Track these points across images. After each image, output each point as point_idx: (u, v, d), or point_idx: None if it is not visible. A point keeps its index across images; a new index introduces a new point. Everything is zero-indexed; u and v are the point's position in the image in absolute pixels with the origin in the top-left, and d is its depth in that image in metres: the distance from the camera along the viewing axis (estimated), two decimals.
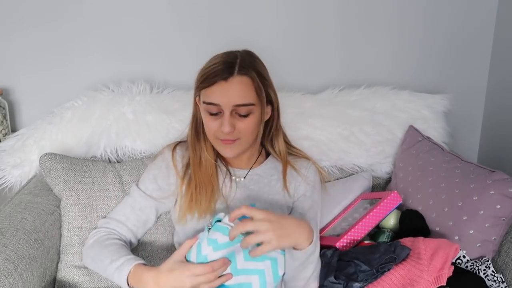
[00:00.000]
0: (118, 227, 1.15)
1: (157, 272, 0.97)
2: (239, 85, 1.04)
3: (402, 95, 1.54)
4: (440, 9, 1.63)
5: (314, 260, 1.02)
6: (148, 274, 0.98)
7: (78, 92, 1.45)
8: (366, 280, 0.98)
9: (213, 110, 1.06)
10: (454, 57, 1.69)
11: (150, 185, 1.18)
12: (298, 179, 1.19)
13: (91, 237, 1.14)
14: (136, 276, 0.99)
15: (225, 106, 1.04)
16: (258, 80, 1.06)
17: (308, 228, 0.99)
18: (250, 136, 1.10)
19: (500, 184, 1.09)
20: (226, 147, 1.10)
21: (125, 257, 1.03)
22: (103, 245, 1.09)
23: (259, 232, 0.92)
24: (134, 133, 1.37)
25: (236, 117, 1.06)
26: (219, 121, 1.06)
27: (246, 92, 1.05)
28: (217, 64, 1.05)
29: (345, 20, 1.62)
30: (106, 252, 1.06)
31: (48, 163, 1.21)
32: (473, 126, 1.76)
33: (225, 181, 1.17)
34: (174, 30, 1.58)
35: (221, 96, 1.04)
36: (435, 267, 0.96)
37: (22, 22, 1.53)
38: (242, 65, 1.05)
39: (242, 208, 0.94)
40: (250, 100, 1.05)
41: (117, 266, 1.02)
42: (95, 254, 1.09)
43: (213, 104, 1.05)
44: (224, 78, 1.04)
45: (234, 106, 1.04)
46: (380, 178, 1.48)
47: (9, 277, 0.96)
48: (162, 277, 0.96)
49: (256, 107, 1.07)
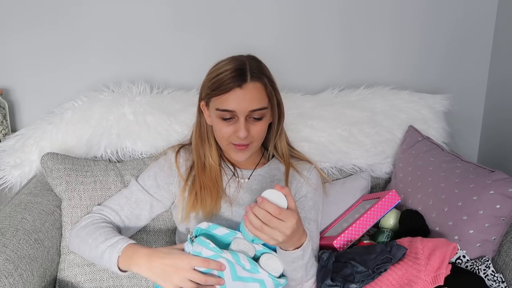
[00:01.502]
0: (111, 216, 1.15)
1: (152, 250, 0.96)
2: (254, 91, 1.07)
3: (402, 95, 1.54)
4: (440, 9, 1.63)
5: (303, 265, 1.00)
6: (143, 251, 0.97)
7: (78, 92, 1.46)
8: (363, 281, 0.98)
9: (226, 116, 1.09)
10: (454, 57, 1.69)
11: (149, 181, 1.19)
12: (300, 180, 1.20)
13: (84, 220, 1.13)
14: (128, 252, 0.98)
15: (240, 112, 1.07)
16: (269, 84, 1.10)
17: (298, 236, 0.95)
18: (261, 139, 1.15)
19: (500, 184, 1.09)
20: (238, 152, 1.12)
21: (120, 236, 1.03)
22: (98, 226, 1.08)
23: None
24: (134, 134, 1.37)
25: (250, 121, 1.10)
26: (233, 126, 1.09)
27: (260, 97, 1.08)
28: (229, 71, 1.07)
29: (344, 20, 1.62)
30: (102, 231, 1.06)
31: (50, 162, 1.21)
32: (473, 126, 1.76)
33: (229, 182, 1.19)
34: (174, 30, 1.58)
35: (237, 103, 1.06)
36: (433, 267, 0.96)
37: (22, 22, 1.53)
38: (253, 71, 1.08)
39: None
40: (264, 104, 1.09)
41: (111, 243, 1.01)
42: (87, 234, 1.07)
43: (229, 111, 1.07)
44: (238, 85, 1.06)
45: (250, 111, 1.07)
46: (380, 178, 1.48)
47: (9, 277, 0.96)
48: (157, 256, 0.95)
49: (268, 111, 1.12)
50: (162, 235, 1.27)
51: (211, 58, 1.15)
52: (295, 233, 0.91)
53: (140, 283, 1.22)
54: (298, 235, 0.94)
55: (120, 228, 1.16)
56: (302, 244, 0.96)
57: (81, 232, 1.10)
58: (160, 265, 0.94)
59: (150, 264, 0.94)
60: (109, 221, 1.14)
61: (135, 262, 0.96)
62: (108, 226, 1.10)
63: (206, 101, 1.14)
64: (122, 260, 0.98)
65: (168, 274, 0.93)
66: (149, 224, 1.25)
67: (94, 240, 1.04)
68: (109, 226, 1.10)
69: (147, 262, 0.95)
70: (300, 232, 0.94)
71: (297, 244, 0.96)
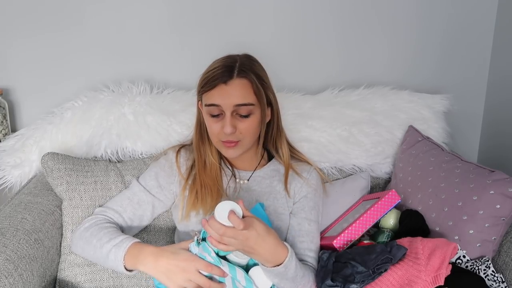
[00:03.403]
0: (114, 217, 1.15)
1: (159, 250, 0.97)
2: (238, 87, 1.08)
3: (401, 95, 1.53)
4: (440, 9, 1.63)
5: (289, 278, 1.00)
6: (149, 250, 0.98)
7: (78, 92, 1.46)
8: (363, 282, 0.98)
9: (214, 112, 1.09)
10: (454, 57, 1.69)
11: (151, 182, 1.19)
12: (300, 181, 1.21)
13: (87, 221, 1.13)
14: (134, 251, 0.99)
15: (225, 107, 1.07)
16: (257, 82, 1.09)
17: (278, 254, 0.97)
18: (251, 137, 1.13)
19: (500, 184, 1.09)
20: (228, 149, 1.12)
21: (124, 236, 1.04)
22: (102, 227, 1.09)
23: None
24: (134, 134, 1.37)
25: (237, 118, 1.09)
26: (221, 123, 1.09)
27: (245, 93, 1.08)
28: (217, 68, 1.09)
29: (344, 20, 1.62)
30: (106, 232, 1.06)
31: (50, 162, 1.21)
32: (473, 126, 1.76)
33: (229, 183, 1.19)
34: (173, 30, 1.58)
35: (222, 98, 1.07)
36: (433, 267, 0.96)
37: (22, 22, 1.53)
38: (241, 68, 1.09)
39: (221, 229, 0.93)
40: (250, 100, 1.08)
41: (116, 243, 1.01)
42: (91, 234, 1.07)
43: (214, 105, 1.08)
44: (224, 81, 1.07)
45: (235, 106, 1.07)
46: (379, 178, 1.48)
47: (9, 277, 0.96)
48: (163, 256, 0.96)
49: (256, 108, 1.10)
50: (163, 234, 1.27)
51: (211, 58, 1.16)
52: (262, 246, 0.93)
53: (140, 282, 1.22)
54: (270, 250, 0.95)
55: (123, 229, 1.16)
56: (283, 262, 0.97)
57: (84, 234, 1.10)
58: (166, 265, 0.95)
59: (156, 263, 0.96)
60: (113, 222, 1.14)
61: (141, 261, 0.97)
62: (112, 226, 1.10)
63: (200, 99, 1.14)
64: (128, 259, 0.99)
65: (174, 273, 0.94)
66: (150, 224, 1.25)
67: (98, 241, 1.05)
68: (113, 226, 1.10)
69: (153, 261, 0.96)
70: (272, 247, 0.95)
71: (276, 262, 0.97)
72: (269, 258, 0.96)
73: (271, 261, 0.97)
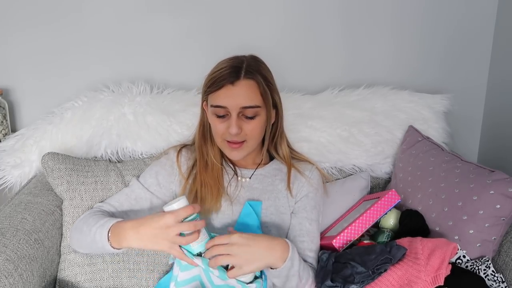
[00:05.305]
0: (110, 211, 1.16)
1: (136, 222, 0.98)
2: (245, 88, 1.07)
3: (402, 95, 1.53)
4: (440, 9, 1.63)
5: (295, 273, 1.01)
6: (127, 225, 0.98)
7: (78, 92, 1.46)
8: (363, 282, 0.98)
9: (220, 113, 1.09)
10: (454, 57, 1.69)
11: (150, 179, 1.20)
12: (302, 180, 1.20)
13: (83, 214, 1.15)
14: (116, 229, 1.00)
15: (232, 108, 1.07)
16: (264, 84, 1.10)
17: (280, 247, 0.99)
18: (256, 139, 1.14)
19: (500, 184, 1.09)
20: (233, 150, 1.12)
21: (111, 218, 1.05)
22: (92, 214, 1.11)
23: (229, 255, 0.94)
24: (134, 134, 1.37)
25: (243, 119, 1.10)
26: (226, 123, 1.10)
27: (252, 95, 1.08)
28: (224, 69, 1.08)
29: (344, 20, 1.62)
30: (95, 217, 1.08)
31: (51, 162, 1.21)
32: (473, 126, 1.76)
33: (230, 181, 1.19)
34: (174, 30, 1.58)
35: (228, 99, 1.07)
36: (433, 267, 0.96)
37: (22, 23, 1.53)
38: (248, 69, 1.08)
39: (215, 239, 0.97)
40: (256, 102, 1.09)
41: (101, 224, 1.03)
42: (83, 223, 1.08)
43: (221, 106, 1.08)
44: (231, 82, 1.07)
45: (241, 108, 1.08)
46: (379, 178, 1.48)
47: (9, 277, 0.96)
48: (143, 224, 0.96)
49: (262, 110, 1.11)
50: None
51: (211, 58, 1.16)
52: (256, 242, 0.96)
53: (140, 282, 1.22)
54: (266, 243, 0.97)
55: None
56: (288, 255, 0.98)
57: (78, 224, 1.11)
58: (148, 232, 0.95)
59: (138, 234, 0.96)
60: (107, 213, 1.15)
61: (124, 237, 0.98)
62: (102, 213, 1.12)
63: (206, 99, 1.14)
64: (113, 238, 1.00)
65: (159, 236, 0.94)
66: None
67: (87, 226, 1.06)
68: (103, 213, 1.12)
69: (135, 233, 0.96)
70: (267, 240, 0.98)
71: (280, 258, 0.98)
72: (270, 256, 0.97)
73: (274, 257, 0.97)
